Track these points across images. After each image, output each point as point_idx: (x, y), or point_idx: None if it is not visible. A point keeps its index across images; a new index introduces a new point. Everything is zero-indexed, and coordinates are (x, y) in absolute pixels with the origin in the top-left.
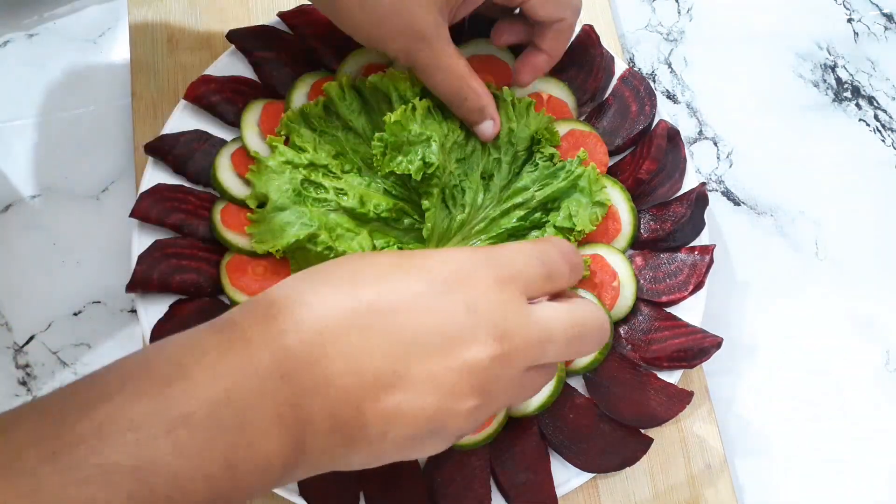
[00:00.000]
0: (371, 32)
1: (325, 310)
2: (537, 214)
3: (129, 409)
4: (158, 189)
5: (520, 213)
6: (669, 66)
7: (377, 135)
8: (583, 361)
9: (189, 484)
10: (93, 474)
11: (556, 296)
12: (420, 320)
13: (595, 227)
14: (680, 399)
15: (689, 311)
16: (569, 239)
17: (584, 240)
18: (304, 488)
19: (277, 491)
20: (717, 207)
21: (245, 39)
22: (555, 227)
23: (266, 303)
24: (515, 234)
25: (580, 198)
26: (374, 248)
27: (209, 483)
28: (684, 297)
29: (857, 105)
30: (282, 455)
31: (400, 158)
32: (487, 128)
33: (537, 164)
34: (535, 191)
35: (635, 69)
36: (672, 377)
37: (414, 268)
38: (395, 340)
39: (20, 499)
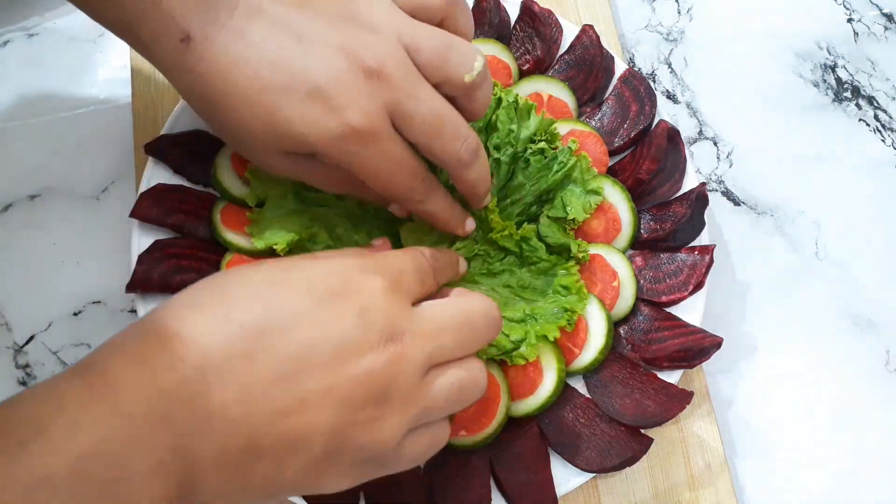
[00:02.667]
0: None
1: (201, 341)
2: (533, 208)
3: None
4: (158, 189)
5: (517, 209)
6: (669, 66)
7: None
8: (583, 361)
9: None
10: None
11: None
12: (307, 334)
13: (589, 215)
14: (680, 399)
15: (689, 311)
16: (564, 228)
17: (585, 239)
18: None
19: None
20: (717, 207)
21: None
22: (548, 217)
23: (134, 340)
24: None
25: (573, 188)
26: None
27: None
28: (684, 297)
29: (857, 105)
30: None
31: None
32: (395, 210)
33: (528, 160)
34: (531, 186)
35: (635, 69)
36: (672, 377)
37: (294, 281)
38: (283, 360)
39: None
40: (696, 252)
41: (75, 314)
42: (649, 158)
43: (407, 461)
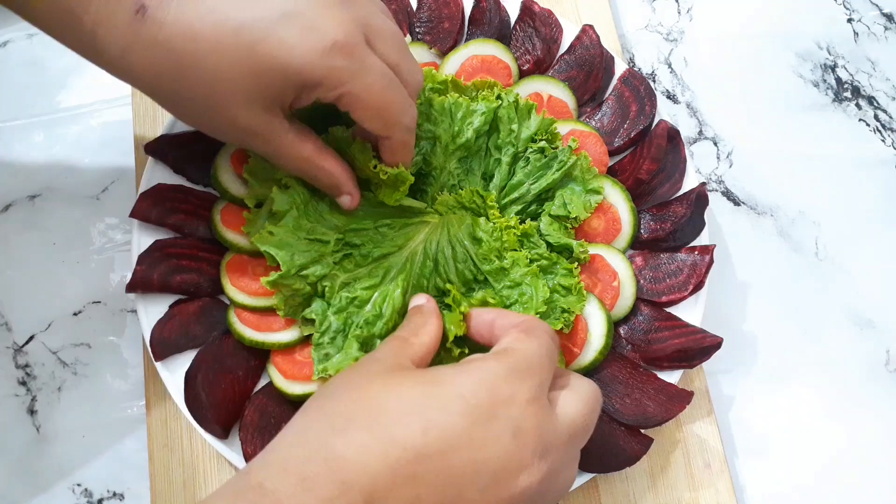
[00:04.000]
0: (199, 124)
1: (366, 465)
2: (533, 207)
3: None
4: (158, 189)
5: (517, 208)
6: (669, 66)
7: None
8: (583, 361)
9: None
10: None
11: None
12: (467, 457)
13: (589, 214)
14: (680, 399)
15: (689, 311)
16: (565, 227)
17: (585, 239)
18: None
19: None
20: (717, 207)
21: None
22: (550, 215)
23: (297, 462)
24: None
25: (574, 186)
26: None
27: None
28: (684, 297)
29: (857, 105)
30: None
31: None
32: (345, 202)
33: (528, 158)
34: (531, 184)
35: (635, 69)
36: (672, 377)
37: (447, 397)
38: (447, 485)
39: None
40: (697, 252)
41: (75, 314)
42: (649, 158)
43: None
